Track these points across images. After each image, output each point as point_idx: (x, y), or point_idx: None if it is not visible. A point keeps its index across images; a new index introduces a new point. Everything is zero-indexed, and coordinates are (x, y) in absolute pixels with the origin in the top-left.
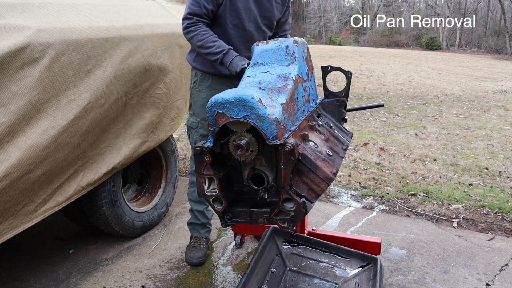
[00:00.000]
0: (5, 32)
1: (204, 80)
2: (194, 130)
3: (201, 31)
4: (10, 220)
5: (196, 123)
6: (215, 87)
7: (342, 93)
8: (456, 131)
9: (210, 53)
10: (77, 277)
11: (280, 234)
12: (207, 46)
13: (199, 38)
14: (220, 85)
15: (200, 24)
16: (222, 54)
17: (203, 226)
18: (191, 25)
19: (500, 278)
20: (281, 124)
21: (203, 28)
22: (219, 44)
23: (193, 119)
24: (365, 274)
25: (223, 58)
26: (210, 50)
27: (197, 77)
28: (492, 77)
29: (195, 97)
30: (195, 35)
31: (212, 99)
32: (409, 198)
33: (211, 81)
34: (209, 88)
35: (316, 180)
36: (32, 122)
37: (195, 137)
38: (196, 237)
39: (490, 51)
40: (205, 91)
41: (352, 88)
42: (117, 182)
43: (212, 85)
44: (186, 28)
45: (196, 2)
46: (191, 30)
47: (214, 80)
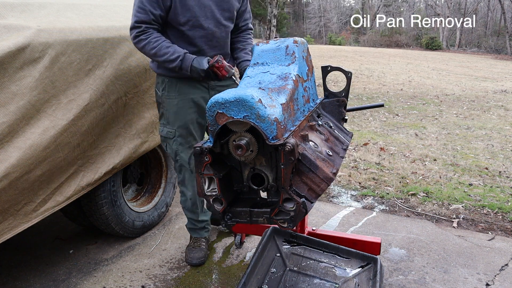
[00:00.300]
0: (5, 32)
1: (172, 86)
2: (172, 139)
3: (152, 38)
4: (10, 220)
5: (173, 132)
6: (184, 91)
7: (342, 93)
8: (456, 131)
9: (166, 61)
10: (77, 277)
11: (280, 234)
12: (162, 53)
13: (152, 46)
14: (189, 88)
15: (150, 31)
16: (179, 61)
17: (201, 228)
18: (141, 34)
19: (500, 278)
20: (281, 124)
21: (154, 35)
22: (173, 50)
23: (168, 128)
24: (365, 274)
25: (181, 64)
26: (165, 57)
27: (165, 83)
28: (492, 77)
29: (166, 106)
30: (146, 43)
31: (212, 99)
32: (409, 198)
33: (179, 86)
34: (178, 93)
35: (316, 180)
36: (32, 122)
37: (174, 147)
38: (196, 237)
39: (490, 51)
40: (176, 97)
41: (352, 88)
42: (117, 182)
43: (181, 89)
44: (136, 38)
45: (141, 9)
46: (141, 39)
47: (182, 83)
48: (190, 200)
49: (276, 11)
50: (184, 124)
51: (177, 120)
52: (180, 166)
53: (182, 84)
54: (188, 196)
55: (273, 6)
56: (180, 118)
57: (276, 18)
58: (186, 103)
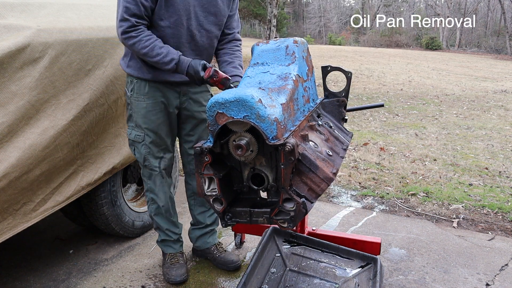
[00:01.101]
0: (5, 32)
1: (140, 87)
2: (141, 143)
3: (144, 36)
4: (9, 220)
5: (142, 136)
6: (154, 94)
7: (342, 93)
8: (456, 131)
9: (159, 62)
10: (77, 277)
11: (280, 234)
12: (155, 54)
13: (143, 45)
14: (158, 91)
15: (141, 27)
16: (174, 64)
17: (176, 241)
18: (131, 30)
19: (500, 278)
20: (281, 124)
21: (145, 33)
22: (167, 51)
23: (136, 132)
24: (365, 274)
25: (177, 68)
26: (158, 59)
27: (133, 84)
28: (492, 77)
29: (134, 107)
30: (137, 41)
31: (212, 99)
32: (409, 198)
33: (148, 88)
34: (147, 96)
35: (316, 180)
36: (31, 122)
37: (143, 152)
38: (171, 253)
39: (490, 51)
40: (144, 99)
41: (352, 88)
42: (117, 182)
43: (150, 92)
44: (126, 33)
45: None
46: (132, 36)
47: (151, 86)
48: (163, 207)
49: (276, 11)
50: (153, 128)
51: (146, 124)
52: (150, 172)
53: (151, 86)
54: (159, 203)
55: (273, 6)
56: (148, 121)
57: (276, 18)
58: (156, 107)
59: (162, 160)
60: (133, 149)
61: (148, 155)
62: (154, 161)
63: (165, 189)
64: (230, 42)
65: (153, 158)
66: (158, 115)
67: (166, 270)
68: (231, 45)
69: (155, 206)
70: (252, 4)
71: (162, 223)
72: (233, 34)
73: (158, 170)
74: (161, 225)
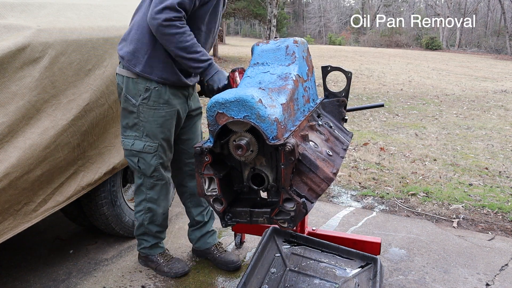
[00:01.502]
0: (5, 32)
1: (161, 93)
2: (152, 154)
3: (188, 30)
4: (10, 220)
5: (155, 146)
6: (173, 101)
7: (342, 93)
8: (456, 131)
9: (193, 59)
10: (77, 277)
11: (280, 234)
12: (193, 50)
13: (185, 39)
14: (175, 98)
15: (185, 23)
16: (207, 64)
17: (162, 239)
18: (177, 20)
19: (500, 278)
20: (281, 124)
21: (188, 29)
22: (204, 52)
23: (148, 142)
24: (365, 274)
25: (207, 68)
26: (195, 55)
27: (150, 91)
28: (492, 77)
29: (148, 116)
30: (180, 33)
31: (212, 99)
32: (409, 198)
33: (169, 94)
34: (167, 104)
35: (316, 180)
36: (31, 122)
37: (153, 163)
38: (160, 253)
39: (490, 51)
40: (163, 107)
41: (352, 88)
42: (117, 182)
43: (170, 99)
44: (170, 21)
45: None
46: (177, 26)
47: (171, 93)
48: (163, 215)
49: (276, 11)
50: (167, 137)
51: (162, 133)
52: (155, 182)
53: (171, 93)
54: (160, 212)
55: (273, 6)
56: (164, 131)
57: (276, 18)
58: (172, 115)
59: (167, 169)
60: (137, 160)
61: (160, 165)
62: (164, 171)
63: (168, 197)
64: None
65: (163, 168)
66: (172, 123)
67: (166, 268)
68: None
69: (150, 214)
70: (252, 4)
71: (155, 229)
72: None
73: (166, 180)
74: (152, 230)
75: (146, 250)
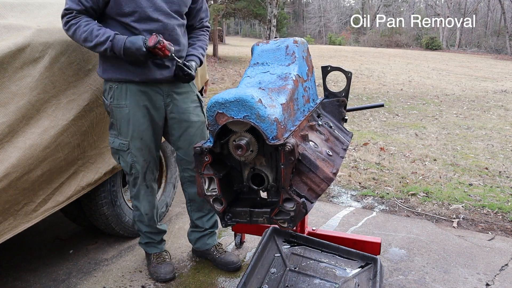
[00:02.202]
0: (5, 32)
1: (121, 92)
2: (126, 152)
3: (83, 22)
4: (10, 220)
5: (126, 144)
6: (136, 97)
7: (342, 93)
8: (456, 131)
9: (97, 44)
10: (77, 277)
11: (280, 234)
12: (93, 36)
13: (82, 30)
14: (141, 94)
15: (81, 16)
16: (109, 42)
17: (159, 241)
18: (71, 19)
19: (500, 278)
20: (281, 124)
21: (84, 19)
22: (104, 31)
23: (120, 140)
24: (365, 274)
25: (111, 45)
26: (96, 40)
27: (113, 90)
28: (492, 77)
29: (116, 115)
30: (76, 28)
31: (212, 99)
32: (409, 198)
33: (129, 92)
34: (129, 101)
35: (316, 180)
36: (32, 122)
37: (128, 160)
38: (156, 253)
39: (490, 51)
40: (126, 105)
41: (352, 88)
42: (117, 182)
43: (131, 96)
44: (67, 24)
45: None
46: (72, 24)
47: (132, 90)
48: (146, 216)
49: (276, 11)
50: (138, 134)
51: (130, 131)
52: (134, 180)
53: (132, 90)
54: (143, 211)
55: (273, 6)
56: (133, 128)
57: (276, 18)
58: (138, 112)
59: (148, 169)
60: (118, 158)
61: (134, 163)
62: (141, 170)
63: (150, 198)
64: (197, 29)
65: (139, 166)
66: (141, 120)
67: (153, 269)
68: (197, 31)
69: (138, 213)
70: (252, 4)
71: (144, 229)
72: (201, 23)
73: (142, 180)
74: (143, 229)
75: (142, 245)
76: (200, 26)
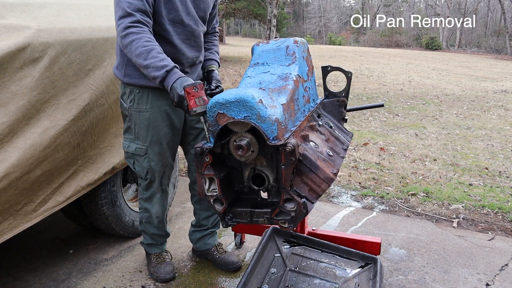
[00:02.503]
0: (5, 32)
1: (143, 97)
2: (143, 157)
3: (145, 35)
4: (10, 220)
5: (144, 149)
6: (157, 102)
7: (342, 93)
8: (456, 131)
9: (150, 66)
10: (77, 277)
11: (280, 234)
12: (151, 56)
13: (141, 44)
14: (162, 99)
15: (145, 27)
16: (165, 71)
17: (162, 243)
18: (134, 26)
19: (500, 278)
20: (281, 125)
21: (148, 34)
22: (163, 57)
23: (137, 145)
24: (365, 274)
25: (165, 76)
26: (151, 61)
27: (134, 94)
28: (492, 77)
29: (135, 119)
30: (137, 39)
31: (212, 99)
32: (409, 198)
33: (151, 97)
34: (150, 106)
35: (316, 181)
36: (32, 122)
37: (145, 165)
38: (157, 253)
39: (490, 51)
40: (147, 110)
41: (352, 88)
42: (117, 182)
43: (153, 101)
44: (127, 28)
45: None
46: (133, 32)
47: (155, 94)
48: (157, 218)
49: (276, 11)
50: (157, 139)
51: (149, 136)
52: (150, 184)
53: (154, 95)
54: (153, 213)
55: (273, 6)
56: (152, 133)
57: (276, 18)
58: (159, 116)
59: (164, 174)
60: (133, 162)
61: (151, 168)
62: (158, 175)
63: (163, 202)
64: (210, 34)
65: (156, 170)
66: (161, 125)
67: (153, 269)
68: (210, 36)
69: (147, 215)
70: (252, 4)
71: (152, 230)
72: (213, 29)
73: (158, 185)
74: (149, 230)
75: (145, 246)
76: (213, 32)
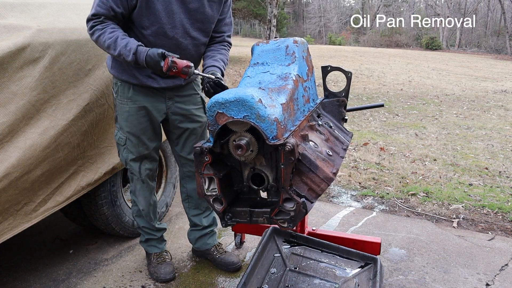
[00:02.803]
0: (5, 32)
1: (124, 90)
2: (123, 147)
3: (109, 28)
4: (10, 220)
5: (124, 139)
6: (137, 98)
7: (342, 93)
8: (456, 131)
9: (122, 55)
10: (77, 277)
11: (280, 234)
12: (117, 45)
13: (107, 37)
14: (143, 95)
15: (108, 22)
16: (133, 55)
17: (160, 240)
18: (97, 23)
19: (500, 278)
20: (281, 124)
21: (111, 26)
22: (127, 41)
23: (120, 134)
24: (365, 274)
25: (136, 59)
26: (119, 50)
27: (117, 86)
28: (492, 77)
29: (118, 110)
30: (101, 33)
31: (212, 99)
32: (409, 198)
33: (132, 92)
34: (130, 100)
35: (316, 180)
36: (32, 122)
37: (124, 155)
38: (156, 253)
39: (490, 51)
40: (127, 103)
41: (352, 88)
42: (117, 182)
43: (133, 96)
44: (92, 28)
45: (102, 3)
46: (98, 29)
47: (135, 90)
48: (143, 211)
49: (276, 11)
50: (135, 132)
51: (128, 127)
52: (131, 175)
53: (135, 90)
54: (140, 207)
55: (273, 6)
56: (130, 125)
57: (276, 18)
58: (138, 111)
59: (142, 165)
60: (118, 151)
61: (129, 159)
62: (135, 165)
63: (145, 194)
64: (218, 43)
65: (133, 162)
66: (141, 120)
67: (153, 269)
68: (217, 44)
69: (136, 208)
70: (252, 4)
71: (143, 223)
72: (221, 37)
73: (138, 176)
74: (140, 223)
75: (143, 244)
76: (221, 40)
